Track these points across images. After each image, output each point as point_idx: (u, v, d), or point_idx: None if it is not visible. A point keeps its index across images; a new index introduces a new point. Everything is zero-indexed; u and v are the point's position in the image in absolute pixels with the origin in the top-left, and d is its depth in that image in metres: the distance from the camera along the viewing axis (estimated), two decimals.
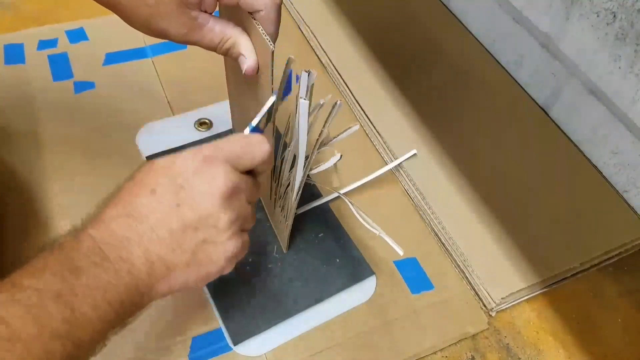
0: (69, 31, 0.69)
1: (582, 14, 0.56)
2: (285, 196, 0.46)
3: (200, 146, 0.35)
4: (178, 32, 0.39)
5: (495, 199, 0.56)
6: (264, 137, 0.37)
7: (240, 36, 0.40)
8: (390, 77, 0.67)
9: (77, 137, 0.58)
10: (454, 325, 0.49)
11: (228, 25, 0.40)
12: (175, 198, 0.34)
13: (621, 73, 0.54)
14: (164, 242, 0.34)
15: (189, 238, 0.34)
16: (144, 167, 0.35)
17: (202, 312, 0.48)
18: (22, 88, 0.62)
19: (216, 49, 0.40)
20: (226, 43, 0.40)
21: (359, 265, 0.51)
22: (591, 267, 0.53)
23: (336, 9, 0.74)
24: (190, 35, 0.39)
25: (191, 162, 0.35)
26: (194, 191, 0.34)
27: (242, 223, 0.37)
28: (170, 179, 0.34)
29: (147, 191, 0.34)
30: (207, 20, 0.39)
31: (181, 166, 0.35)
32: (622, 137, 0.56)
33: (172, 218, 0.34)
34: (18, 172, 0.55)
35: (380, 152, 0.61)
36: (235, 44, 0.40)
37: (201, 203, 0.34)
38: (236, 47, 0.40)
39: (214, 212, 0.34)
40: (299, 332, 0.47)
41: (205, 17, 0.39)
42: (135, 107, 0.62)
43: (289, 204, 0.46)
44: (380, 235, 0.49)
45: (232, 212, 0.35)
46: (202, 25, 0.39)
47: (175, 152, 0.35)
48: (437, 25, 0.75)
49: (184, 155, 0.35)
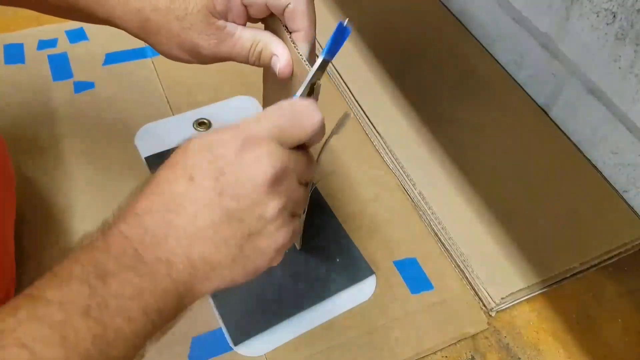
0: (69, 31, 0.69)
1: (582, 14, 0.56)
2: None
3: (240, 122, 0.32)
4: (209, 44, 0.37)
5: (495, 199, 0.56)
6: (313, 102, 0.33)
7: (271, 37, 0.38)
8: (390, 77, 0.66)
9: (77, 137, 0.58)
10: (453, 325, 0.49)
11: (258, 30, 0.38)
12: (216, 185, 0.30)
13: (621, 73, 0.54)
14: (206, 238, 0.30)
15: (233, 231, 0.30)
16: (179, 150, 0.31)
17: (202, 312, 0.48)
18: (22, 88, 0.62)
19: (248, 56, 0.38)
20: (257, 46, 0.38)
21: (358, 265, 0.51)
22: (591, 267, 0.53)
23: (336, 10, 0.74)
24: (221, 46, 0.38)
25: (231, 143, 0.31)
26: (236, 177, 0.30)
27: (293, 208, 0.33)
28: (209, 163, 0.30)
29: (185, 178, 0.30)
30: (235, 29, 0.38)
31: (221, 148, 0.31)
32: (622, 137, 0.56)
33: (214, 209, 0.30)
34: (17, 172, 0.55)
35: (380, 152, 0.61)
36: (266, 45, 0.38)
37: (246, 191, 0.30)
38: (268, 48, 0.38)
39: (260, 200, 0.30)
40: (299, 332, 0.47)
41: (233, 26, 0.38)
42: (135, 107, 0.62)
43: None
44: None
45: (281, 198, 0.31)
46: (232, 34, 0.38)
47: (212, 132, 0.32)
48: (437, 25, 0.75)
49: (222, 135, 0.31)
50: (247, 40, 0.38)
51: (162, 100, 0.63)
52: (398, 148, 0.59)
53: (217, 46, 0.38)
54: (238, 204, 0.30)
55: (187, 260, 0.30)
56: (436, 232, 0.54)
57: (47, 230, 0.51)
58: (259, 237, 0.31)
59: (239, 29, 0.38)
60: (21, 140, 0.58)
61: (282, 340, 0.47)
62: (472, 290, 0.51)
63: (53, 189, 0.54)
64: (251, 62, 0.39)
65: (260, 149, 0.30)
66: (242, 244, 0.31)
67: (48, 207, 0.53)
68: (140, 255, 0.29)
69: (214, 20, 0.37)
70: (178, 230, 0.30)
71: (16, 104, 0.61)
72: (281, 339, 0.47)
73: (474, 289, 0.51)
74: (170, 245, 0.29)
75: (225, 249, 0.31)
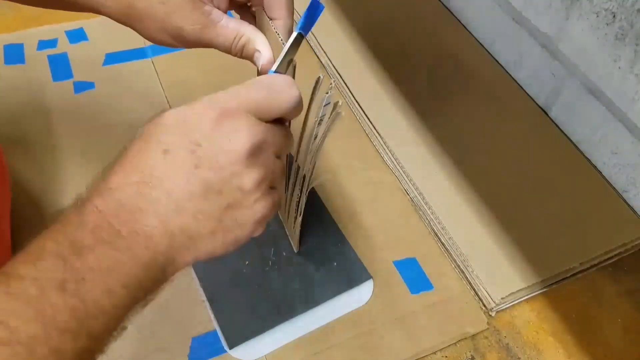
0: (69, 31, 0.69)
1: (582, 14, 0.56)
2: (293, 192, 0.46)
3: (215, 94, 0.31)
4: (193, 29, 0.37)
5: (495, 199, 0.56)
6: (289, 78, 0.33)
7: (255, 32, 0.38)
8: (390, 77, 0.67)
9: (77, 137, 0.58)
10: (453, 325, 0.49)
11: (242, 22, 0.39)
12: (192, 158, 0.30)
13: (621, 73, 0.54)
14: (183, 210, 0.30)
15: (212, 203, 0.30)
16: (151, 123, 0.31)
17: (201, 312, 0.48)
18: (21, 88, 0.62)
19: (231, 47, 0.39)
20: (241, 39, 0.38)
21: (356, 269, 0.51)
22: (591, 267, 0.53)
23: (336, 9, 0.74)
24: (204, 32, 0.38)
25: (207, 115, 0.30)
26: (213, 149, 0.30)
27: (272, 180, 0.33)
28: (185, 135, 0.30)
29: (159, 151, 0.30)
30: (220, 17, 0.38)
31: (196, 120, 0.30)
32: (621, 137, 0.56)
33: (190, 181, 0.30)
34: (17, 172, 0.55)
35: (380, 152, 0.61)
36: (250, 40, 0.38)
37: (223, 163, 0.30)
38: (251, 43, 0.38)
39: (238, 172, 0.30)
40: (295, 336, 0.47)
41: (218, 14, 0.38)
42: (135, 107, 0.62)
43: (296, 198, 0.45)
44: None
45: (259, 170, 0.31)
46: (216, 22, 0.38)
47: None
48: (437, 25, 0.75)
49: (197, 108, 0.31)
50: (231, 31, 0.38)
51: (162, 100, 0.63)
52: (398, 148, 0.59)
53: (201, 32, 0.38)
54: (216, 175, 0.30)
55: (165, 233, 0.29)
56: (436, 232, 0.54)
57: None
58: (238, 208, 0.31)
59: (224, 18, 0.38)
60: (21, 140, 0.58)
61: (278, 344, 0.46)
62: (472, 290, 0.51)
63: (53, 190, 0.54)
64: (233, 53, 0.39)
65: (237, 121, 0.30)
66: (221, 216, 0.31)
67: (47, 208, 0.53)
68: (117, 229, 0.28)
69: (199, 5, 0.37)
70: (154, 204, 0.29)
71: (16, 104, 0.61)
72: (277, 342, 0.47)
73: (474, 289, 0.51)
74: (147, 219, 0.29)
75: (204, 221, 0.30)
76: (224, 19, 0.38)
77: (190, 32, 0.37)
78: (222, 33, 0.38)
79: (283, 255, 0.51)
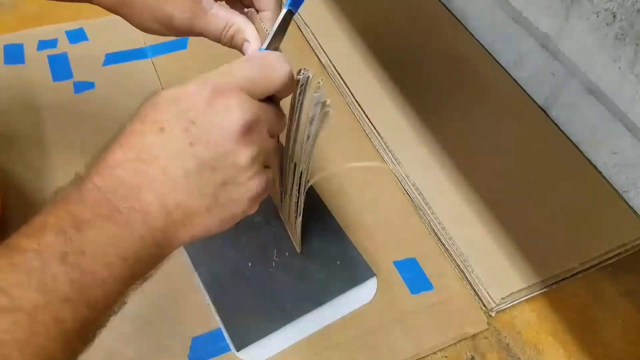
0: (69, 31, 0.69)
1: (582, 14, 0.56)
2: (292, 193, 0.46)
3: (209, 73, 0.32)
4: (183, 17, 0.37)
5: (495, 199, 0.56)
6: (281, 55, 0.34)
7: (245, 22, 0.39)
8: (390, 77, 0.67)
9: (77, 138, 0.58)
10: (453, 325, 0.49)
11: (233, 12, 0.39)
12: (187, 135, 0.30)
13: (621, 73, 0.54)
14: (179, 186, 0.30)
15: (207, 180, 0.31)
16: (147, 103, 0.32)
17: (202, 312, 0.48)
18: (21, 88, 0.62)
19: (220, 36, 0.39)
20: (230, 29, 0.38)
21: (359, 267, 0.51)
22: (591, 267, 0.53)
23: (336, 9, 0.74)
24: (195, 20, 0.38)
25: (201, 94, 0.31)
26: (207, 126, 0.31)
27: (265, 158, 0.34)
28: (179, 114, 0.31)
29: (155, 129, 0.31)
30: (211, 5, 0.38)
31: (190, 99, 0.31)
32: (621, 137, 0.56)
33: (185, 158, 0.30)
34: (17, 172, 0.55)
35: (380, 152, 0.61)
36: (239, 30, 0.38)
37: (217, 140, 0.31)
38: (240, 33, 0.38)
39: (232, 149, 0.31)
40: (301, 336, 0.47)
41: (209, 2, 0.38)
42: (135, 107, 0.61)
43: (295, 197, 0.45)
44: None
45: (253, 147, 0.32)
46: (206, 10, 0.38)
47: None
48: (437, 25, 0.75)
49: (191, 86, 0.32)
50: (221, 20, 0.38)
51: None
52: (398, 148, 0.59)
53: (191, 20, 0.38)
54: (210, 152, 0.31)
55: (163, 209, 0.30)
56: (436, 232, 0.54)
57: None
58: (233, 185, 0.32)
59: (215, 7, 0.38)
60: (21, 140, 0.58)
61: (283, 345, 0.46)
62: (472, 291, 0.51)
63: (53, 190, 0.54)
64: (223, 42, 0.39)
65: (230, 99, 0.31)
66: (216, 193, 0.32)
67: None
68: (115, 205, 0.29)
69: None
70: (151, 181, 0.30)
71: (16, 104, 0.61)
72: (283, 343, 0.46)
73: (474, 289, 0.51)
74: (145, 195, 0.30)
75: (199, 198, 0.31)
76: (214, 8, 0.38)
77: (181, 20, 0.38)
78: (212, 22, 0.38)
79: (286, 255, 0.51)
